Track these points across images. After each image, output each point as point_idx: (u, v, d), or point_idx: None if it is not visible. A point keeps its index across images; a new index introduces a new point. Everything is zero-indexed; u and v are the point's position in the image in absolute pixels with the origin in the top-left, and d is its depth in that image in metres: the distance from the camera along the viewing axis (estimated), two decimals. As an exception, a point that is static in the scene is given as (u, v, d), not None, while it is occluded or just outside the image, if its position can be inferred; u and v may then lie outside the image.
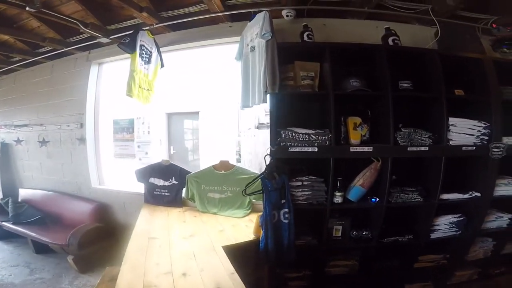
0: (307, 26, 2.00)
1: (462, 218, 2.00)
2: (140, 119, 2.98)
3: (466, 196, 1.97)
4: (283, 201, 1.69)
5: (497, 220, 2.08)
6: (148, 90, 2.43)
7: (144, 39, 2.26)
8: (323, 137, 1.77)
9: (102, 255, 2.62)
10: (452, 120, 1.90)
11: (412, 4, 2.05)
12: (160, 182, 2.56)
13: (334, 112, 1.76)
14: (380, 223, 1.88)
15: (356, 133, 1.89)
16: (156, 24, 2.31)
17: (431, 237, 1.97)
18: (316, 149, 1.75)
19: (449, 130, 1.90)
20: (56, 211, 2.94)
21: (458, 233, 2.00)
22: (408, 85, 1.93)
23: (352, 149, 1.82)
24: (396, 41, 1.97)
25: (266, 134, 4.76)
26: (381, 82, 1.84)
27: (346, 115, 1.92)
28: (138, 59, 2.19)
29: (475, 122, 1.94)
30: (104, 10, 2.31)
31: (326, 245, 1.87)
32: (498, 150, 1.95)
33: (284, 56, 1.79)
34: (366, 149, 1.83)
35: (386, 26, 2.04)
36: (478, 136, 1.94)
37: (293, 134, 1.74)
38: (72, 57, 3.04)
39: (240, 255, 1.54)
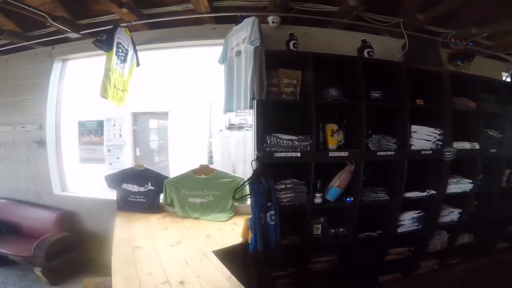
0: (293, 35, 2.10)
1: (422, 214, 2.31)
2: (111, 121, 2.84)
3: (424, 194, 2.27)
4: (269, 204, 1.79)
5: (450, 215, 2.43)
6: (123, 90, 2.35)
7: (122, 36, 2.17)
8: (305, 143, 1.91)
9: (74, 265, 2.49)
10: (413, 128, 2.18)
11: (387, 17, 2.29)
12: (134, 188, 2.49)
13: (315, 119, 1.91)
14: (355, 220, 2.09)
15: (333, 139, 2.06)
16: (135, 21, 2.23)
17: (398, 231, 2.24)
18: (299, 154, 1.89)
19: (411, 137, 2.18)
20: (12, 220, 2.67)
21: (419, 227, 2.30)
22: (379, 95, 2.16)
23: (330, 154, 2.00)
24: (370, 53, 2.19)
25: (238, 135, 4.84)
26: (356, 92, 2.04)
27: (324, 122, 2.08)
28: (114, 57, 2.11)
29: (432, 129, 2.24)
30: (76, 3, 2.17)
31: (308, 243, 2.02)
32: (450, 153, 2.29)
33: (269, 62, 1.87)
34: (342, 153, 2.02)
35: (362, 38, 2.25)
36: (434, 142, 2.25)
37: (278, 140, 1.86)
38: (31, 52, 2.77)
39: (232, 258, 1.59)
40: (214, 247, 1.69)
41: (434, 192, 2.29)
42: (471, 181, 2.42)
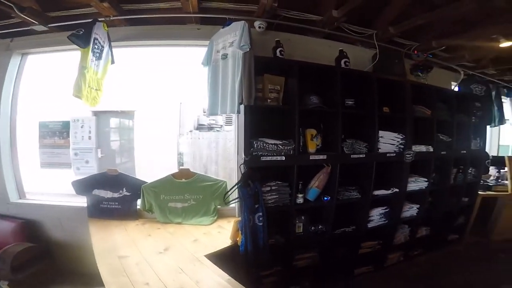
0: (280, 42, 2.20)
1: (387, 210, 2.60)
2: (78, 122, 2.66)
3: (389, 192, 2.57)
4: (256, 206, 1.88)
5: (410, 210, 2.78)
6: (96, 90, 2.23)
7: (99, 31, 2.06)
8: (289, 147, 2.04)
9: (44, 277, 2.33)
10: (381, 133, 2.46)
11: (362, 28, 2.52)
12: (107, 194, 2.39)
13: (298, 125, 2.06)
14: (332, 217, 2.29)
15: (313, 143, 2.23)
16: (114, 16, 2.13)
17: (368, 226, 2.50)
18: (284, 158, 2.02)
19: (378, 141, 2.45)
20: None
21: (386, 222, 2.60)
22: (352, 102, 2.39)
23: (311, 157, 2.16)
24: (347, 63, 2.40)
25: (210, 136, 4.83)
26: (334, 99, 2.24)
27: (304, 127, 2.23)
28: (90, 54, 2.00)
29: (396, 135, 2.55)
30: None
31: (292, 242, 2.16)
32: (409, 155, 2.62)
33: (255, 68, 1.90)
34: (321, 156, 2.20)
35: (340, 48, 2.44)
36: (397, 145, 2.56)
37: (264, 144, 1.96)
38: (-16, 44, 2.48)
39: (225, 261, 1.64)
40: (205, 252, 1.71)
41: (397, 190, 2.60)
42: (426, 180, 2.80)
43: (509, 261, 2.94)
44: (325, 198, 2.27)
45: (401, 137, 2.56)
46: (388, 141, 2.53)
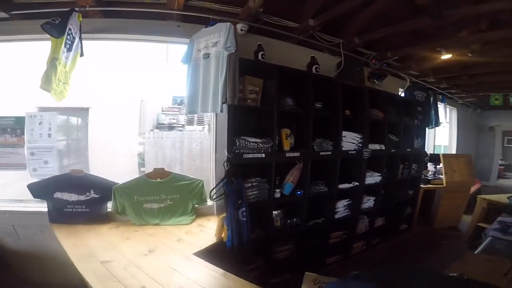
0: (261, 46, 2.34)
1: (350, 202, 2.94)
2: (36, 118, 2.41)
3: (351, 185, 2.91)
4: (240, 202, 2.00)
5: (368, 202, 3.18)
6: (64, 83, 2.10)
7: (74, 22, 1.95)
8: (267, 145, 2.21)
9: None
10: (344, 133, 2.79)
11: (332, 37, 2.83)
12: (72, 197, 2.24)
13: (276, 125, 2.24)
14: (305, 210, 2.52)
15: (287, 141, 2.43)
16: (90, 6, 2.03)
17: (335, 217, 2.80)
18: (263, 155, 2.17)
19: (342, 140, 2.78)
20: None
21: (349, 213, 2.93)
22: (320, 105, 2.66)
23: (287, 154, 2.36)
24: (317, 69, 2.67)
25: (175, 136, 4.78)
26: (306, 102, 2.48)
27: (279, 127, 2.42)
28: (63, 45, 1.88)
29: (356, 135, 2.90)
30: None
31: (272, 235, 2.32)
32: (367, 153, 3.00)
33: None
34: (295, 154, 2.42)
35: (312, 55, 2.71)
36: (356, 144, 2.92)
37: (246, 143, 2.09)
38: None
39: (214, 257, 1.67)
40: (193, 250, 1.74)
41: (357, 183, 2.97)
42: (379, 174, 3.23)
43: (451, 247, 3.50)
44: (298, 192, 2.49)
45: (360, 137, 2.93)
46: (350, 140, 2.88)
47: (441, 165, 4.20)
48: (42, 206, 2.26)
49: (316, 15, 2.42)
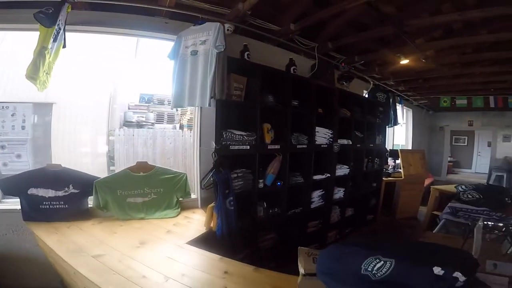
0: (247, 46, 2.52)
1: (323, 192, 3.25)
2: (8, 110, 2.29)
3: (324, 176, 3.22)
4: (227, 191, 2.14)
5: (338, 193, 3.52)
6: (47, 73, 2.07)
7: (63, 13, 1.95)
8: (251, 138, 2.41)
9: None
10: (317, 129, 3.10)
11: (308, 41, 3.12)
12: (48, 192, 2.15)
13: (259, 120, 2.45)
14: (285, 200, 2.75)
15: (268, 135, 2.64)
16: None
17: (311, 207, 3.08)
18: (248, 147, 2.36)
19: (315, 135, 3.08)
20: None
21: (322, 203, 3.23)
22: (296, 103, 2.92)
23: (269, 147, 2.58)
24: (295, 70, 2.94)
25: (147, 133, 4.75)
26: (284, 100, 2.73)
27: (261, 122, 2.62)
28: (53, 35, 1.88)
29: (327, 130, 3.23)
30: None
31: (256, 225, 2.50)
32: (336, 147, 3.34)
33: None
34: (276, 146, 2.65)
35: (290, 57, 2.97)
36: (328, 139, 3.25)
37: (232, 135, 2.26)
38: None
39: (206, 246, 1.73)
40: (185, 240, 1.79)
41: (329, 175, 3.29)
42: (347, 167, 3.60)
43: (413, 236, 3.97)
44: (278, 183, 2.72)
45: (330, 132, 3.27)
46: (322, 135, 3.20)
47: (399, 159, 4.74)
48: (12, 203, 2.20)
49: (295, 21, 2.68)
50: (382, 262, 0.91)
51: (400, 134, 6.66)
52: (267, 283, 1.30)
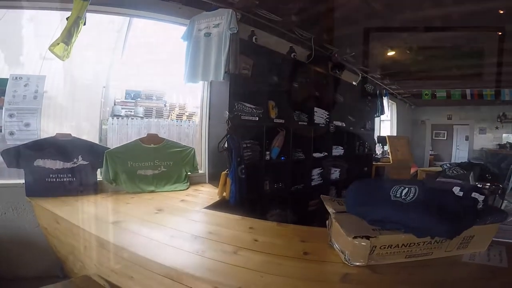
0: (254, 32, 2.87)
1: (322, 170, 3.55)
2: (22, 80, 2.27)
3: (322, 154, 3.53)
4: (239, 159, 2.34)
5: (334, 173, 3.85)
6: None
7: None
8: (259, 111, 2.68)
9: None
10: (315, 109, 3.43)
11: (305, 32, 3.45)
12: (56, 164, 2.07)
13: (267, 96, 2.79)
14: (289, 175, 3.02)
15: (273, 111, 2.92)
16: None
17: (312, 184, 3.37)
18: (257, 119, 2.64)
19: (314, 115, 3.40)
20: None
21: (321, 181, 3.54)
22: (297, 85, 3.23)
23: (275, 121, 2.87)
24: (295, 56, 3.31)
25: (141, 123, 4.82)
26: (286, 80, 3.06)
27: (266, 99, 2.88)
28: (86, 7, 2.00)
29: (324, 111, 3.57)
30: None
31: (263, 198, 2.75)
32: (332, 127, 3.70)
33: None
34: (281, 121, 2.94)
35: (290, 45, 3.34)
36: (325, 119, 3.59)
37: (243, 107, 2.52)
38: None
39: (224, 210, 1.82)
40: (202, 206, 1.87)
41: (326, 153, 3.62)
42: (342, 148, 3.97)
43: None
44: (282, 157, 2.99)
45: (327, 113, 3.62)
46: (320, 115, 3.54)
47: (387, 146, 5.18)
48: (12, 178, 2.13)
49: (297, 13, 3.03)
50: (407, 188, 1.07)
51: (385, 127, 7.19)
52: (294, 235, 1.38)
